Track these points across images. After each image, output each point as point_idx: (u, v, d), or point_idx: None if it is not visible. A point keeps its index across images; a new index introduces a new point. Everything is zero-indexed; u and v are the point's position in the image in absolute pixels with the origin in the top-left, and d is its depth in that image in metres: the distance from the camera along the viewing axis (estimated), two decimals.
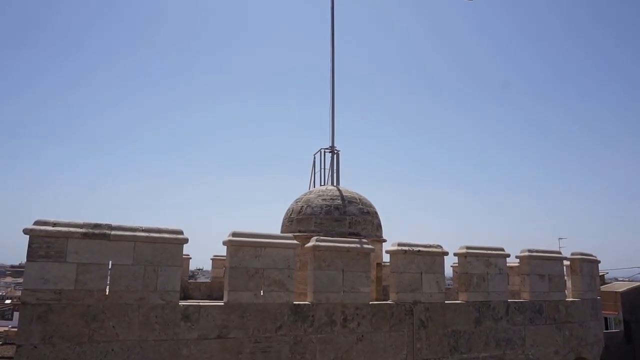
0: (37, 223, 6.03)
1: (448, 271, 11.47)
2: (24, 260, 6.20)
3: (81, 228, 6.18)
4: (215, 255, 16.86)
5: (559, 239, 32.49)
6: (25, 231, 5.92)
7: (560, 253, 10.45)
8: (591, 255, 11.30)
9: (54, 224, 6.08)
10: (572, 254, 10.79)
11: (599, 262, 11.74)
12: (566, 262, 10.59)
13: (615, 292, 23.57)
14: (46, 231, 5.97)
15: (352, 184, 13.20)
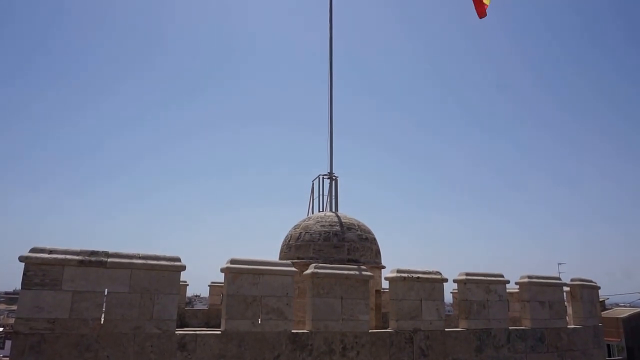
0: (33, 250, 5.97)
1: (448, 297, 11.35)
2: (18, 286, 6.12)
3: (78, 255, 6.12)
4: (212, 282, 16.66)
5: (559, 264, 32.28)
6: (21, 259, 5.86)
7: (559, 279, 10.37)
8: (591, 281, 11.21)
9: (50, 251, 6.03)
10: (572, 280, 10.71)
11: (599, 288, 11.65)
12: (566, 288, 10.51)
13: (617, 318, 23.32)
14: (42, 259, 5.91)
15: (350, 210, 13.17)
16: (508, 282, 9.36)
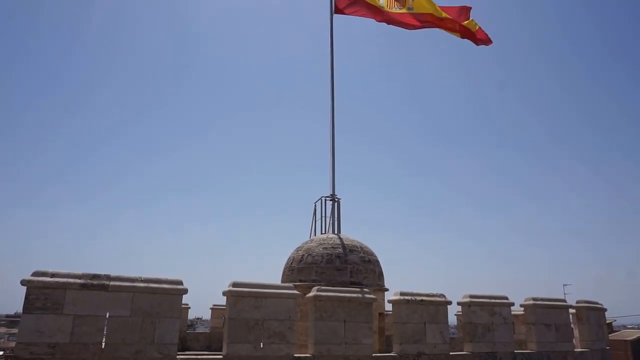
0: (35, 274, 5.97)
1: (452, 319, 11.21)
2: (19, 309, 6.10)
3: (80, 279, 6.12)
4: (214, 305, 16.54)
5: (564, 285, 31.83)
6: (23, 282, 5.86)
7: (565, 301, 10.26)
8: (597, 303, 11.09)
9: (53, 275, 6.03)
10: (578, 302, 10.59)
11: (605, 310, 11.52)
12: (572, 311, 10.39)
13: (625, 340, 22.88)
14: (44, 282, 5.90)
15: (353, 231, 13.06)
16: (513, 304, 9.27)
